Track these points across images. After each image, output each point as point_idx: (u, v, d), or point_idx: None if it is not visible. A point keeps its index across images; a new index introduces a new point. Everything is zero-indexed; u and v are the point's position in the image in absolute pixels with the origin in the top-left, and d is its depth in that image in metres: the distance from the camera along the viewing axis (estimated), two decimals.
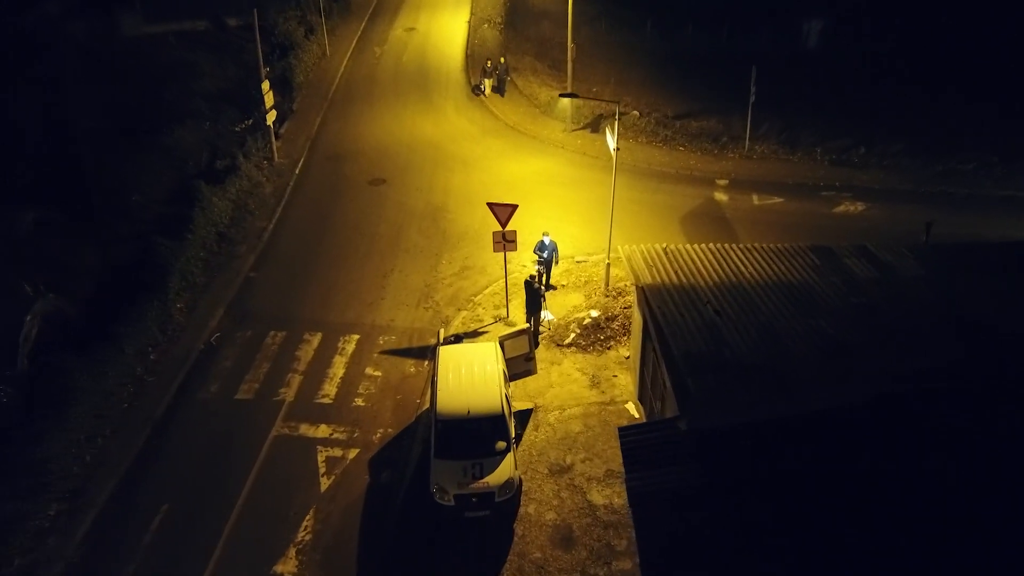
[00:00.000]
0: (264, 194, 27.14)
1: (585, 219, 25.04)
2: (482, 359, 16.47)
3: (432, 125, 31.61)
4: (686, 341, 14.13)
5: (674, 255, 17.32)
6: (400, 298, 21.70)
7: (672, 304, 15.26)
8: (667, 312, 14.92)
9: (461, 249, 23.69)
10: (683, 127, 30.66)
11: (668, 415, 14.93)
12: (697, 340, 14.18)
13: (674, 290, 15.81)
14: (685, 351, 13.86)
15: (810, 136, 30.26)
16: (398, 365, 19.42)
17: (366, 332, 20.50)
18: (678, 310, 15.05)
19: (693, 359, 13.66)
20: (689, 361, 13.61)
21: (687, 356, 13.73)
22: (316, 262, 23.43)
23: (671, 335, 14.26)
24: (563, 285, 21.73)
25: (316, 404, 18.44)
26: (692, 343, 14.08)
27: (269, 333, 20.69)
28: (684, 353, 13.80)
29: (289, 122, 32.33)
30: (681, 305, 15.24)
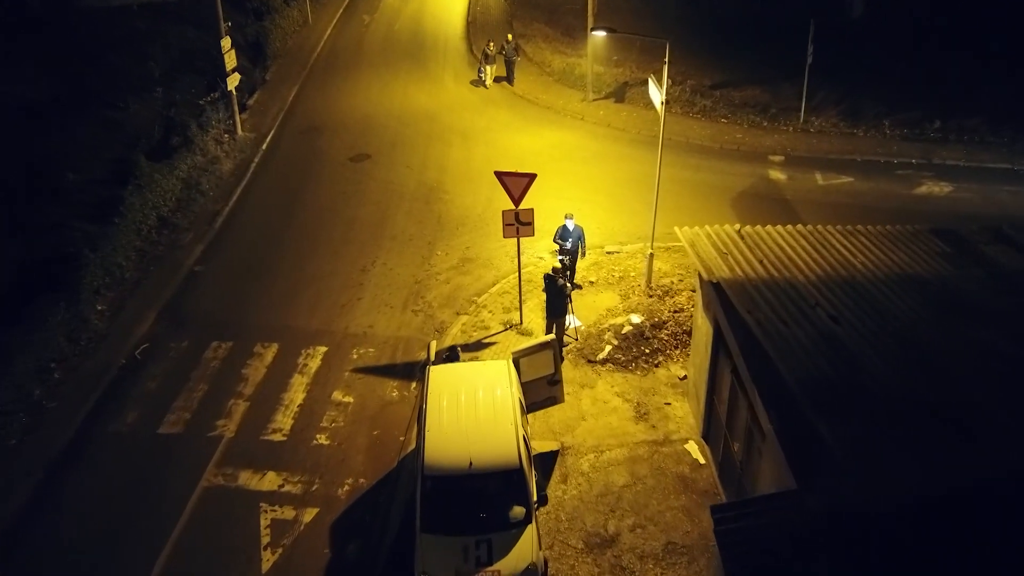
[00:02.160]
0: (222, 172, 22.36)
1: (614, 200, 20.29)
2: (489, 384, 11.72)
3: (427, 95, 26.86)
4: (800, 362, 9.36)
5: (754, 240, 12.56)
6: (382, 298, 16.92)
7: (767, 307, 10.47)
8: (764, 319, 10.12)
9: (460, 237, 18.92)
10: (724, 97, 25.93)
11: (764, 470, 10.13)
12: (816, 360, 9.40)
13: (764, 287, 11.03)
14: (802, 377, 9.08)
15: (873, 107, 25.65)
16: (376, 388, 14.64)
17: (336, 343, 15.73)
18: (777, 315, 10.27)
19: (818, 390, 8.89)
20: (813, 393, 8.83)
21: (808, 385, 8.95)
22: (279, 253, 18.66)
23: (777, 352, 9.47)
24: (591, 282, 16.95)
25: (264, 442, 13.67)
26: (809, 365, 9.31)
27: (211, 344, 15.91)
28: (802, 380, 9.02)
29: (260, 92, 27.63)
30: (780, 308, 10.46)
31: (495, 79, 27.34)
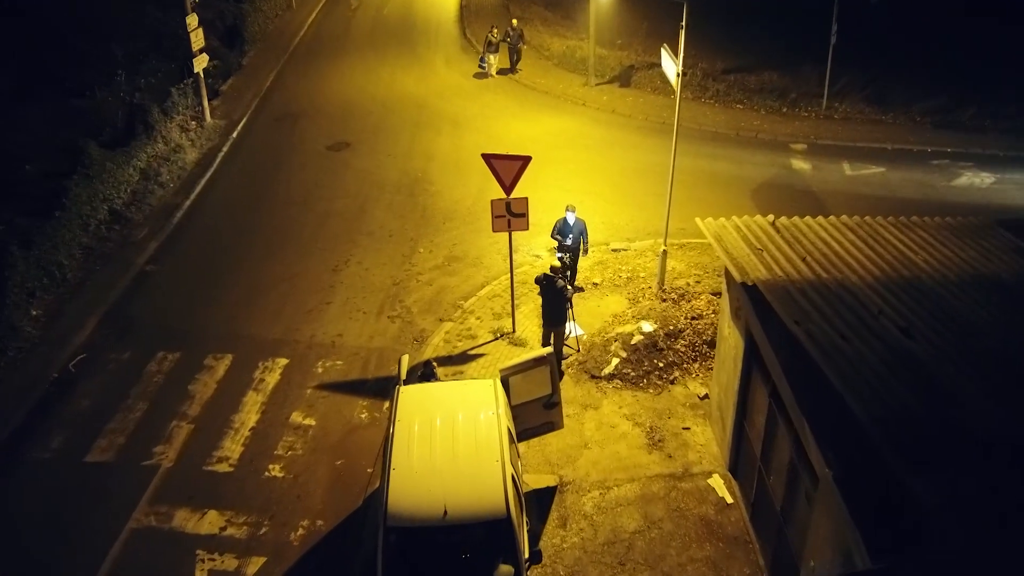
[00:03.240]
0: (185, 162, 20.20)
1: (620, 192, 18.15)
2: (472, 409, 9.54)
3: (416, 80, 24.70)
4: (872, 389, 7.18)
5: (792, 233, 10.38)
6: (355, 302, 14.75)
7: (819, 316, 8.29)
8: (817, 332, 7.94)
9: (446, 233, 16.75)
10: (739, 82, 23.77)
11: (818, 523, 7.94)
12: (892, 387, 7.23)
13: (812, 291, 8.85)
14: (877, 410, 6.89)
15: (900, 93, 23.52)
16: (342, 409, 12.48)
17: (299, 355, 13.57)
18: (833, 327, 8.09)
19: (900, 428, 6.70)
20: (893, 432, 6.65)
21: (886, 421, 6.77)
22: (242, 251, 16.51)
23: (840, 376, 7.28)
24: (595, 284, 14.78)
25: (207, 474, 11.52)
26: (884, 394, 7.14)
27: (156, 355, 13.76)
28: (877, 415, 6.83)
29: (236, 78, 25.48)
30: (835, 317, 8.28)
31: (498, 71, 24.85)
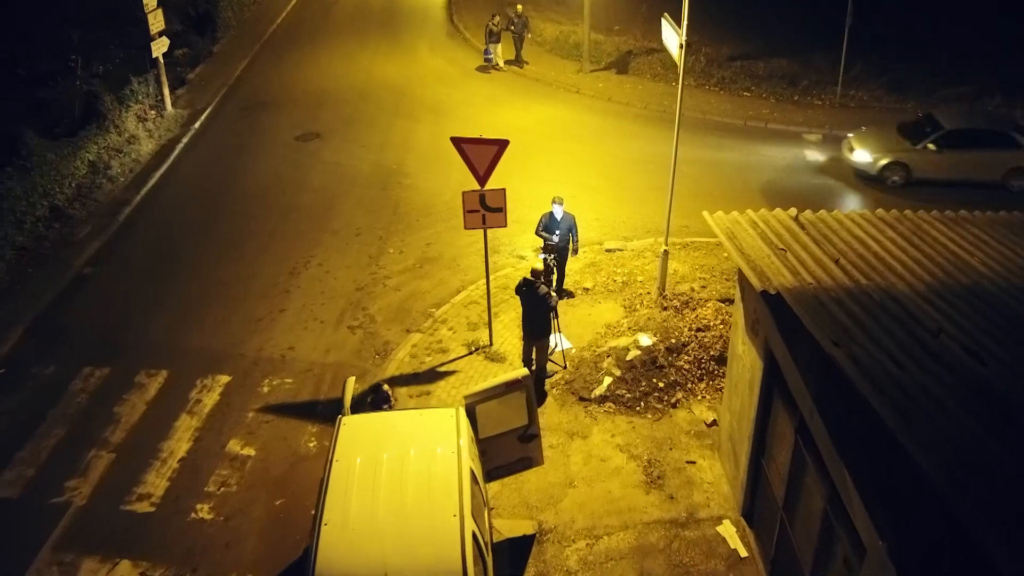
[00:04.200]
0: (140, 154, 18.43)
1: (616, 186, 16.37)
2: (427, 445, 7.72)
3: (397, 67, 22.91)
4: (938, 430, 5.37)
5: (820, 230, 8.58)
6: (311, 310, 12.94)
7: (863, 335, 6.47)
8: (863, 355, 6.11)
9: (420, 230, 14.95)
10: (746, 68, 22.02)
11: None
12: (965, 427, 5.43)
13: (852, 302, 7.03)
14: (948, 458, 5.08)
15: (919, 80, 21.80)
16: (287, 436, 10.67)
17: (243, 371, 11.76)
18: (883, 349, 6.27)
19: (978, 480, 4.89)
20: (969, 486, 4.83)
21: (959, 472, 4.95)
22: (192, 252, 14.71)
23: (896, 413, 5.46)
24: (586, 289, 12.97)
25: (124, 514, 9.71)
26: (955, 436, 5.33)
27: (83, 371, 11.96)
28: (948, 463, 5.01)
29: (204, 66, 23.74)
30: (884, 336, 6.46)
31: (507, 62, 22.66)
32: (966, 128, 16.95)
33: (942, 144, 16.72)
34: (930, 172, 16.84)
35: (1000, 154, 16.67)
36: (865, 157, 17.00)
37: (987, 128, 17.15)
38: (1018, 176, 16.80)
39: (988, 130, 17.05)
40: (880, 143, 17.10)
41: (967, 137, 16.77)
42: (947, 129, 16.85)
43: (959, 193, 16.30)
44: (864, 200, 16.49)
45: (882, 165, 16.83)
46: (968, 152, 16.67)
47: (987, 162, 16.69)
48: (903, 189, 16.71)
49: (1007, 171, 16.74)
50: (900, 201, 15.89)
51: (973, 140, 16.75)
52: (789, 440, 7.65)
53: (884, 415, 5.55)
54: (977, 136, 16.82)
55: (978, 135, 16.84)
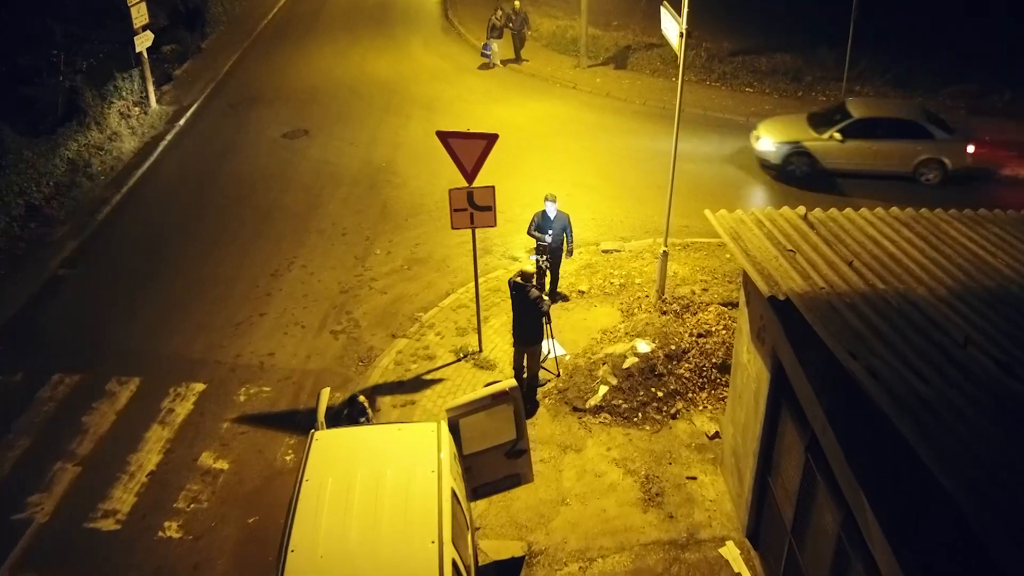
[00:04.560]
0: (121, 151, 17.84)
1: (613, 184, 15.79)
2: (404, 464, 7.11)
3: (389, 63, 22.31)
4: (968, 454, 4.76)
5: (831, 229, 7.98)
6: (293, 314, 12.33)
7: (882, 345, 5.86)
8: (883, 368, 5.50)
9: (408, 230, 14.35)
10: (747, 63, 21.41)
11: None
12: (1000, 449, 4.81)
13: (868, 308, 6.42)
14: (979, 490, 4.46)
15: (925, 76, 21.18)
16: (263, 448, 10.06)
17: (219, 378, 11.15)
18: (904, 361, 5.66)
19: (1016, 512, 4.28)
20: (1005, 518, 4.22)
21: (993, 502, 4.33)
22: (171, 253, 14.10)
23: (920, 435, 4.85)
24: (581, 292, 12.36)
25: (88, 532, 9.11)
26: (986, 461, 4.71)
27: (52, 377, 11.36)
28: (979, 492, 4.40)
29: (192, 62, 23.15)
30: (904, 347, 5.85)
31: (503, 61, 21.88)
32: (874, 117, 16.19)
33: (848, 133, 15.95)
34: (836, 162, 16.13)
35: (909, 145, 15.92)
36: (768, 146, 16.26)
37: (896, 117, 16.31)
38: (929, 168, 16.05)
39: (897, 119, 16.23)
40: (786, 131, 16.35)
41: (875, 126, 16.02)
42: (855, 118, 16.07)
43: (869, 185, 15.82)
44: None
45: (785, 154, 16.10)
46: (876, 142, 15.94)
47: (896, 153, 15.93)
48: (807, 180, 16.02)
49: (917, 163, 16.00)
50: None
51: (881, 130, 16.01)
52: (798, 457, 7.04)
53: (909, 437, 4.94)
54: (885, 126, 16.07)
55: (886, 125, 16.08)
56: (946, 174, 16.03)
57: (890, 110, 16.90)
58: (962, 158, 15.99)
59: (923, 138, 15.95)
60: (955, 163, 15.98)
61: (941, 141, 15.91)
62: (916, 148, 15.94)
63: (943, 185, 16.02)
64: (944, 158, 15.94)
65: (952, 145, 15.92)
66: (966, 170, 16.13)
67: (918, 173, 16.12)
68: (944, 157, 15.93)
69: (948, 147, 15.90)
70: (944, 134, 15.99)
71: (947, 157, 15.93)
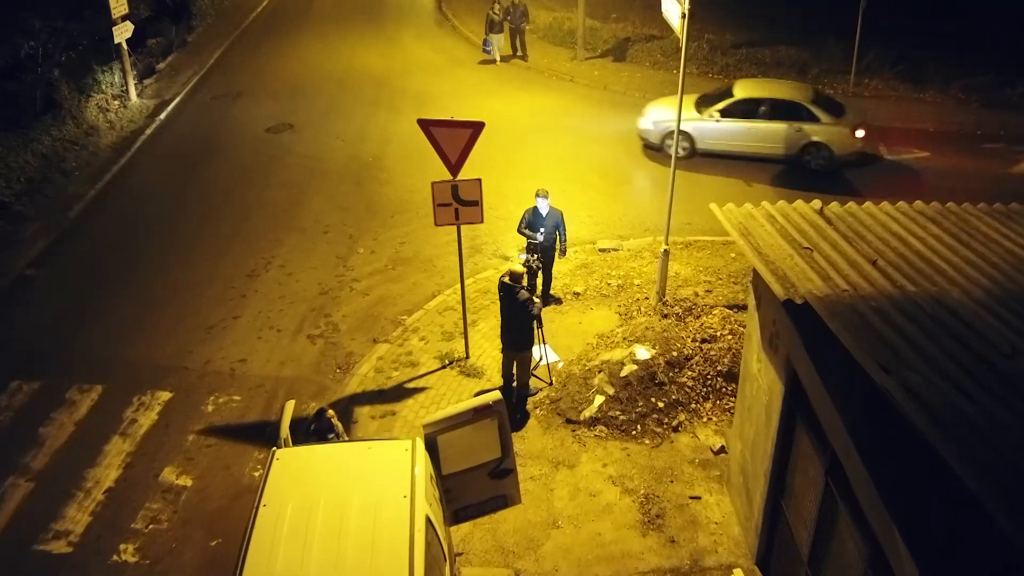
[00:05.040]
0: (99, 147, 17.09)
1: (611, 179, 15.04)
2: (373, 488, 6.33)
3: (380, 57, 21.56)
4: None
5: (850, 225, 7.20)
6: (269, 317, 11.56)
7: (918, 358, 5.08)
8: (919, 383, 4.72)
9: (394, 228, 13.59)
10: (751, 56, 20.65)
11: None
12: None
13: (895, 311, 5.64)
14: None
15: (936, 70, 20.37)
16: (230, 463, 9.28)
17: (187, 387, 10.38)
18: (944, 375, 4.88)
19: None
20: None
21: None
22: (144, 251, 13.34)
23: (970, 464, 4.08)
24: (576, 294, 11.59)
25: (38, 555, 8.35)
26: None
27: (10, 385, 10.59)
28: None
29: (177, 55, 22.44)
30: (942, 359, 5.06)
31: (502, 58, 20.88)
32: (755, 98, 15.36)
33: (728, 113, 15.27)
34: (714, 143, 15.39)
35: (792, 127, 15.08)
36: (647, 124, 15.64)
37: (778, 99, 15.37)
38: (815, 152, 15.15)
39: (779, 100, 15.31)
40: (669, 110, 15.43)
41: (756, 107, 15.26)
42: (736, 98, 15.36)
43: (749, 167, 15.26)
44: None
45: (663, 133, 15.39)
46: (756, 123, 15.18)
47: (778, 135, 15.09)
48: (686, 162, 15.24)
49: (802, 146, 15.12)
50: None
51: (763, 111, 15.24)
52: (817, 482, 6.27)
53: (955, 465, 4.17)
54: (767, 107, 15.26)
55: (769, 106, 15.26)
56: (833, 159, 15.17)
57: (774, 91, 15.87)
58: (850, 143, 15.11)
59: (808, 120, 15.10)
60: (842, 148, 15.10)
61: (827, 125, 15.05)
62: (800, 131, 15.08)
63: (831, 170, 15.23)
64: (830, 142, 15.06)
65: (839, 129, 15.05)
66: (856, 155, 15.32)
67: (804, 157, 15.27)
68: (830, 141, 15.05)
69: (835, 131, 15.03)
70: (830, 117, 15.16)
71: (833, 141, 15.05)
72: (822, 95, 16.06)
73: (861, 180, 15.14)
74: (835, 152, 15.12)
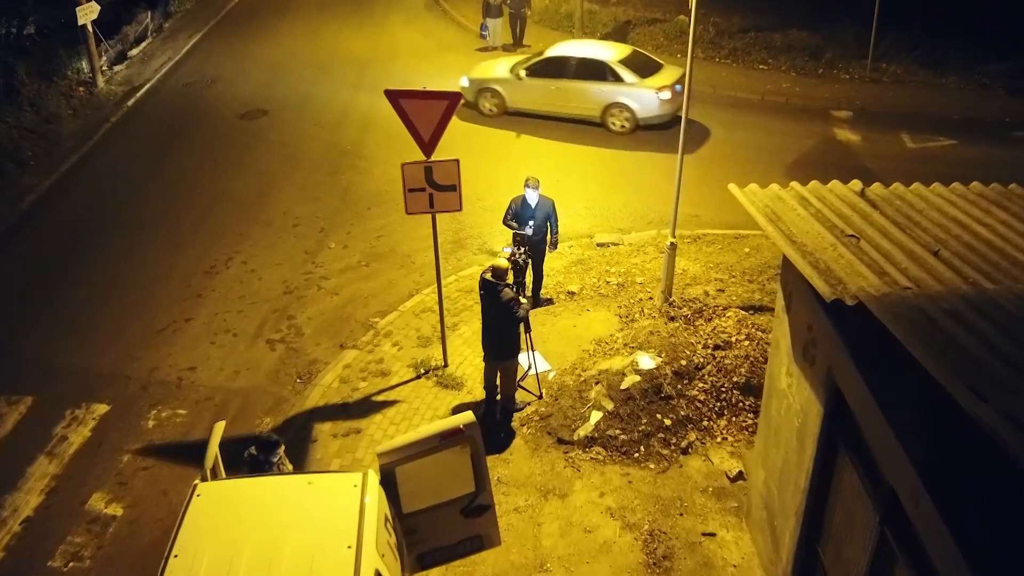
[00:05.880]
0: (59, 135, 15.83)
1: (610, 168, 13.80)
2: (312, 533, 5.08)
3: (365, 41, 20.30)
4: None
5: (899, 209, 5.92)
6: (225, 319, 10.28)
7: (1007, 370, 3.81)
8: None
9: (370, 220, 12.32)
10: (761, 40, 19.35)
11: None
12: None
13: (976, 316, 4.35)
14: None
15: (957, 54, 19.12)
16: (168, 488, 8.00)
17: (127, 399, 9.11)
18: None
19: None
20: None
21: None
22: (95, 248, 12.07)
23: None
24: (571, 293, 10.31)
25: None
26: None
27: None
28: None
29: (151, 41, 21.20)
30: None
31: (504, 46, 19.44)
32: (563, 56, 14.99)
33: (535, 72, 14.90)
34: (522, 102, 14.98)
35: (595, 87, 14.53)
36: (464, 82, 15.37)
37: (584, 58, 14.85)
38: (619, 113, 14.53)
39: (584, 59, 14.79)
40: (486, 70, 15.56)
41: (563, 66, 14.81)
42: (544, 56, 15.11)
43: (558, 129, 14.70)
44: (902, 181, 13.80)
45: (476, 91, 15.26)
46: (561, 82, 14.70)
47: (582, 95, 14.51)
48: (498, 121, 14.92)
49: (605, 107, 14.44)
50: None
51: (568, 70, 14.74)
52: (867, 527, 5.00)
53: None
54: (573, 66, 14.76)
55: (575, 65, 14.75)
56: (636, 121, 14.51)
57: (586, 50, 15.29)
58: (652, 105, 14.42)
59: (612, 81, 14.50)
60: (644, 110, 14.44)
61: (630, 86, 14.40)
62: (602, 91, 14.51)
63: (633, 132, 14.64)
64: (631, 104, 14.42)
65: (642, 91, 14.40)
66: (659, 119, 14.59)
67: (606, 119, 14.59)
68: (632, 103, 14.41)
69: (637, 93, 14.41)
70: (636, 78, 14.41)
71: (636, 103, 14.41)
72: (640, 56, 15.42)
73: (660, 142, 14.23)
74: (636, 114, 14.50)
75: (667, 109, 14.46)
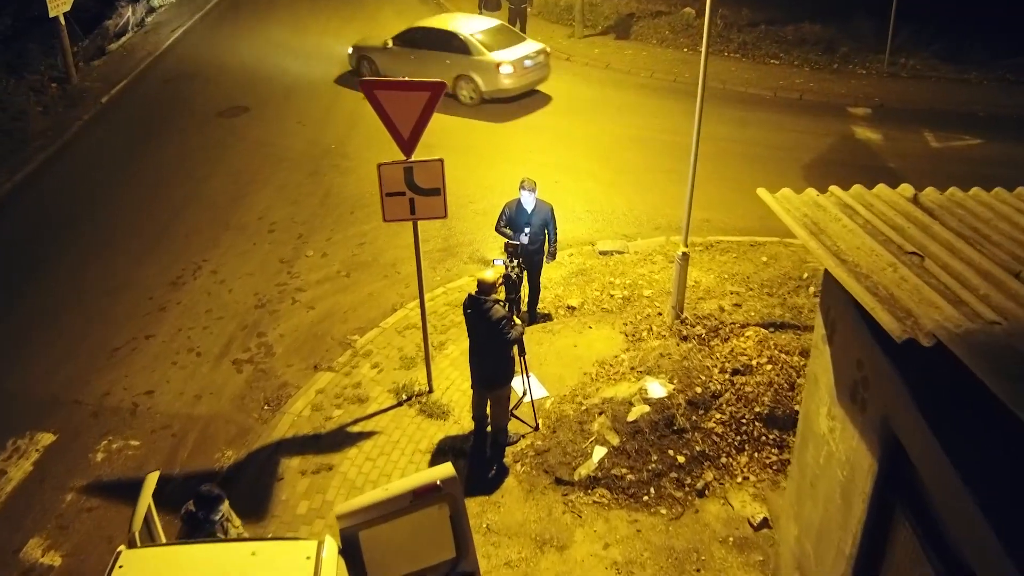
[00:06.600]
0: (26, 133, 14.92)
1: (615, 168, 12.81)
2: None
3: (355, 33, 19.15)
4: None
5: (963, 220, 4.92)
6: (189, 337, 9.31)
7: None
8: None
9: (353, 226, 11.35)
10: (771, 33, 18.43)
11: None
12: None
13: None
14: None
15: (979, 48, 18.19)
16: (115, 534, 7.00)
17: (75, 427, 8.15)
18: None
19: None
20: None
21: None
22: (54, 256, 11.11)
23: None
24: (571, 308, 9.33)
25: None
26: None
27: None
28: None
29: (132, 35, 20.34)
30: None
31: None
32: (424, 27, 15.55)
33: (399, 41, 15.49)
34: (390, 70, 15.21)
35: (445, 57, 14.75)
36: (350, 50, 16.33)
37: (438, 28, 15.34)
38: (466, 85, 14.76)
39: (438, 30, 15.25)
40: (370, 39, 16.30)
41: (423, 37, 15.30)
42: (413, 27, 15.61)
43: None
44: (927, 182, 12.86)
45: (358, 58, 16.09)
46: (419, 51, 15.16)
47: (436, 65, 14.39)
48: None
49: (454, 78, 14.59)
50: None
51: (426, 40, 15.22)
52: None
53: None
54: (431, 36, 15.21)
55: (432, 36, 15.20)
56: (481, 93, 14.75)
57: (447, 23, 15.66)
58: (493, 79, 14.58)
59: (463, 53, 14.76)
60: (487, 83, 14.65)
61: (477, 58, 14.63)
62: (451, 62, 14.70)
63: (480, 104, 14.82)
64: (475, 76, 14.64)
65: (484, 64, 14.58)
66: (502, 92, 14.74)
67: (456, 90, 14.81)
68: (476, 75, 14.64)
69: (480, 65, 14.62)
70: (482, 52, 14.65)
71: (480, 75, 14.62)
72: (504, 31, 15.64)
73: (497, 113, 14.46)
74: (480, 87, 14.70)
75: (510, 83, 14.62)
